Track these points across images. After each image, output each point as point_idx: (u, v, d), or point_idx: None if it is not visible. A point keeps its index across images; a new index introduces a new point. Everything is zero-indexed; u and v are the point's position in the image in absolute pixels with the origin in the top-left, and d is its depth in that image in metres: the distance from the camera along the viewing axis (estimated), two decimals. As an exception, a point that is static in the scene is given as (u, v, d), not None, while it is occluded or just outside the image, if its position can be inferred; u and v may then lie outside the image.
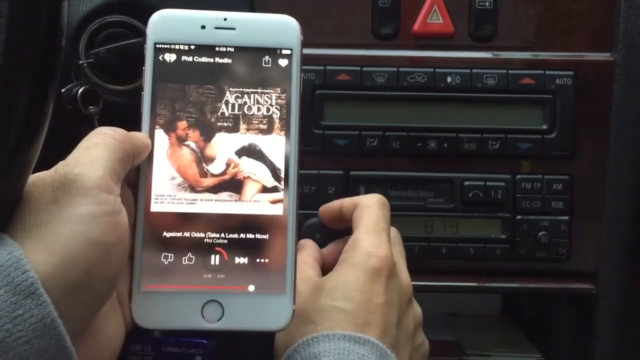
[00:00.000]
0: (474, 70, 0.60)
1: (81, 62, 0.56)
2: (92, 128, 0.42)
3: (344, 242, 0.50)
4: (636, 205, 0.61)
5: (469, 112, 0.61)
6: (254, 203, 0.44)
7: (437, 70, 0.60)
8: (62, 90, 0.55)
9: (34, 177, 0.37)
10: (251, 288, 0.43)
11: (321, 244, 0.53)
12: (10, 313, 0.31)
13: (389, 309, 0.45)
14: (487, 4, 0.61)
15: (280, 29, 0.46)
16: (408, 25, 0.61)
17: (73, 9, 0.56)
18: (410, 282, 0.49)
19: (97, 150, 0.39)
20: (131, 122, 0.44)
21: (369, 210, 0.49)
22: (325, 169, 0.60)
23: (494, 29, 0.61)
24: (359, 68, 0.60)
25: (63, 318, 0.33)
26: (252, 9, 0.60)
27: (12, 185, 0.35)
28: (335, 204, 0.53)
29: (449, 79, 0.60)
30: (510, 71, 0.60)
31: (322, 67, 0.60)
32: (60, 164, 0.38)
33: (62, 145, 0.40)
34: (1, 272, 0.32)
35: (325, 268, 0.49)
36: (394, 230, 0.51)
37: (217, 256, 0.43)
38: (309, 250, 0.52)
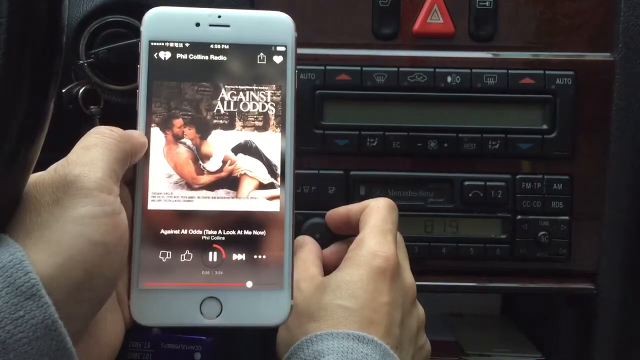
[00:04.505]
0: (474, 70, 0.60)
1: (81, 62, 0.56)
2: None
3: (348, 242, 0.50)
4: (636, 205, 0.61)
5: (469, 112, 0.61)
6: (251, 200, 0.45)
7: (437, 70, 0.60)
8: (63, 91, 0.55)
9: (33, 178, 0.37)
10: (249, 284, 0.44)
11: (322, 244, 0.53)
12: (12, 314, 0.32)
13: (393, 308, 0.45)
14: (487, 4, 0.61)
15: (275, 25, 0.46)
16: (408, 25, 0.61)
17: (73, 9, 0.56)
18: (414, 283, 0.49)
19: (95, 151, 0.39)
20: (132, 122, 0.44)
21: (377, 211, 0.49)
22: (325, 169, 0.60)
23: (494, 29, 0.61)
24: (359, 68, 0.60)
25: (64, 319, 0.33)
26: (252, 8, 0.60)
27: (12, 185, 0.35)
28: (342, 209, 0.53)
29: (449, 79, 0.60)
30: (510, 71, 0.60)
31: (322, 67, 0.59)
32: (59, 164, 0.38)
33: (62, 145, 0.40)
34: (3, 273, 0.32)
35: (329, 268, 0.49)
36: (398, 235, 0.51)
37: (215, 253, 0.44)
38: (310, 247, 0.52)
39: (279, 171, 0.45)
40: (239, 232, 0.44)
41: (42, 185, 0.36)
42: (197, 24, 0.46)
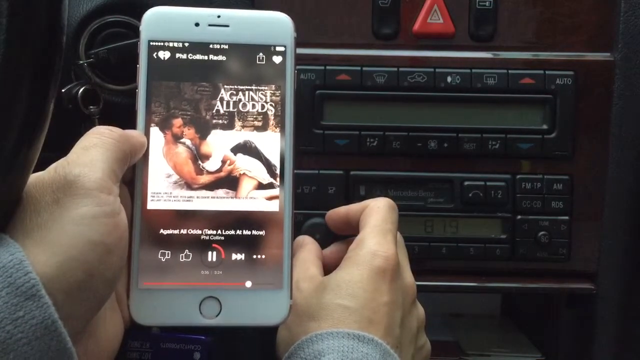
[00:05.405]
0: (474, 70, 0.60)
1: (81, 62, 0.56)
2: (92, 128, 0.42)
3: (348, 242, 0.50)
4: (636, 205, 0.61)
5: (469, 112, 0.61)
6: (250, 200, 0.45)
7: (437, 70, 0.60)
8: (63, 90, 0.55)
9: (33, 178, 0.37)
10: (248, 284, 0.44)
11: (322, 244, 0.53)
12: (12, 314, 0.32)
13: (393, 308, 0.45)
14: (487, 4, 0.61)
15: (274, 26, 0.46)
16: (408, 25, 0.61)
17: (73, 9, 0.56)
18: (414, 283, 0.49)
19: (95, 151, 0.39)
20: (131, 122, 0.44)
21: (377, 211, 0.49)
22: (325, 169, 0.60)
23: (494, 29, 0.61)
24: (359, 68, 0.60)
25: (64, 319, 0.33)
26: (252, 8, 0.60)
27: (12, 184, 0.35)
28: (342, 209, 0.53)
29: (449, 79, 0.60)
30: (510, 71, 0.60)
31: (322, 67, 0.59)
32: (59, 164, 0.38)
33: (62, 145, 0.40)
34: (3, 274, 0.32)
35: (329, 268, 0.49)
36: (398, 235, 0.51)
37: (214, 253, 0.44)
38: (310, 247, 0.52)
39: (278, 171, 0.45)
40: (238, 232, 0.44)
41: (42, 185, 0.36)
42: (197, 24, 0.46)
